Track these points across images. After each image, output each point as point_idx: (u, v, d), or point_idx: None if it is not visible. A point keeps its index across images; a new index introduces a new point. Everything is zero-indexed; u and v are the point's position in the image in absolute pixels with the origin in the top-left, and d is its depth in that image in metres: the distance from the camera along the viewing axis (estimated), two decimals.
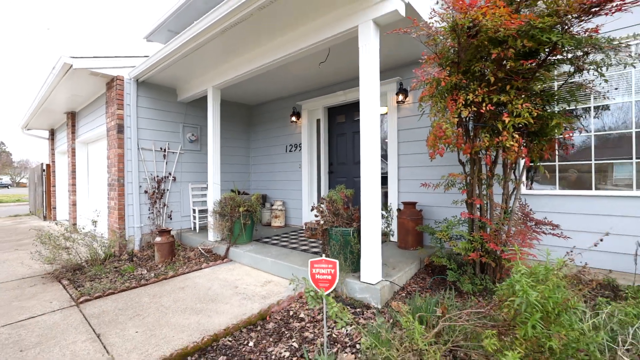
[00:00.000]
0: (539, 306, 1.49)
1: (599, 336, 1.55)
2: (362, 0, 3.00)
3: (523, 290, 1.49)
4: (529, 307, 1.52)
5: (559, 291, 1.50)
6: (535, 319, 1.49)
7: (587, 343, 1.52)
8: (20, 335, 2.51)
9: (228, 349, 2.38)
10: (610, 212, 3.35)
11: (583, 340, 1.52)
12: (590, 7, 2.16)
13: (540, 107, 2.82)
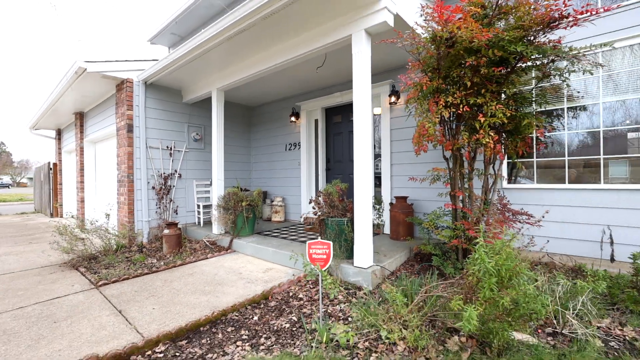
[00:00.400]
0: (494, 272, 1.82)
1: (541, 298, 1.88)
2: (355, 13, 3.33)
3: (481, 259, 1.82)
4: (486, 273, 1.85)
5: (511, 260, 1.83)
6: (491, 283, 1.82)
7: (533, 302, 1.86)
8: (51, 311, 2.83)
9: (235, 321, 2.71)
10: (582, 204, 3.68)
11: (531, 300, 1.85)
12: (549, 22, 2.49)
13: (514, 108, 3.15)
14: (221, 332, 2.53)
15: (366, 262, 3.34)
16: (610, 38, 3.48)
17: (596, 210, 3.60)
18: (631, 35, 3.42)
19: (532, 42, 2.73)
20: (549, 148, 3.98)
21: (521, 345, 2.11)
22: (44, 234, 6.78)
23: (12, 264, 4.40)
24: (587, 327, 2.29)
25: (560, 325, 2.31)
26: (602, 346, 2.14)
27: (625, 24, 3.44)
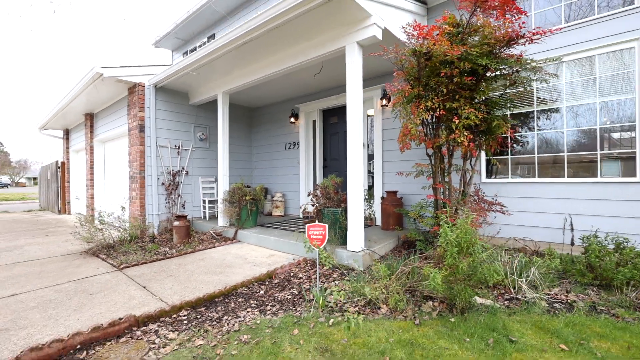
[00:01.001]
0: (455, 243, 2.30)
1: (494, 266, 2.36)
2: (348, 27, 3.80)
3: (445, 233, 2.29)
4: (449, 244, 2.32)
5: (468, 234, 2.30)
6: (453, 251, 2.29)
7: (487, 269, 2.33)
8: (85, 287, 3.28)
9: (244, 294, 3.17)
10: (551, 194, 4.17)
11: (485, 266, 2.33)
12: (509, 40, 2.97)
13: (486, 111, 3.64)
14: (233, 302, 2.99)
15: (358, 246, 3.80)
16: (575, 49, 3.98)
17: (560, 201, 4.09)
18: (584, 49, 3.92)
19: (497, 56, 3.21)
20: (523, 147, 4.47)
21: (482, 306, 2.59)
22: (57, 228, 7.20)
23: (37, 252, 4.83)
24: (538, 293, 2.77)
25: (515, 292, 2.80)
26: (547, 306, 2.62)
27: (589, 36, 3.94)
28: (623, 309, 2.55)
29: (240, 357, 2.04)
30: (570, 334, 2.18)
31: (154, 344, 2.25)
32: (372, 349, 2.07)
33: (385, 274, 2.85)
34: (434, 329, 2.29)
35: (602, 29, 3.86)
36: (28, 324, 2.46)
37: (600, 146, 3.92)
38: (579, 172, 4.07)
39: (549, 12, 4.26)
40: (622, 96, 3.78)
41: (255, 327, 2.44)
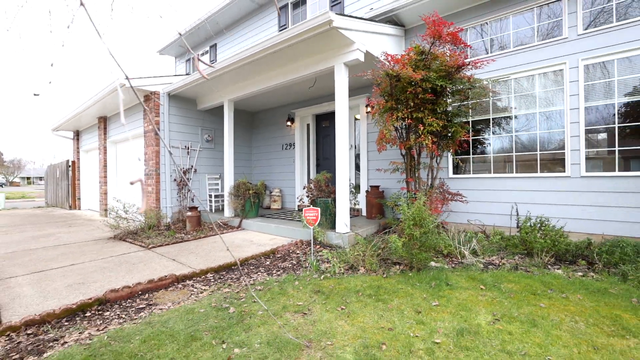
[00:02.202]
0: (412, 217, 3.19)
1: (442, 237, 3.26)
2: (336, 51, 4.68)
3: (404, 211, 3.19)
4: (407, 219, 3.22)
5: (419, 206, 3.20)
6: (410, 224, 3.19)
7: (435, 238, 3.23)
8: (126, 259, 4.10)
9: (254, 264, 4.02)
10: (503, 187, 5.10)
11: (434, 236, 3.23)
12: (458, 66, 3.89)
13: (446, 120, 4.55)
14: (246, 269, 3.85)
15: (344, 229, 4.68)
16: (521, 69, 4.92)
17: (509, 192, 5.03)
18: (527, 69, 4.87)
19: (452, 78, 4.13)
20: (483, 147, 5.40)
21: (434, 267, 3.49)
22: (75, 221, 7.93)
23: (70, 238, 5.60)
24: (478, 258, 3.69)
25: (461, 258, 3.71)
26: (482, 267, 3.54)
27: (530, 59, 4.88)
28: (536, 267, 3.49)
29: (258, 294, 2.90)
30: (490, 281, 3.09)
31: (193, 292, 3.10)
32: (350, 290, 2.95)
33: (364, 246, 3.73)
34: (396, 279, 3.19)
35: (540, 53, 4.81)
36: (96, 280, 3.28)
37: (540, 147, 4.87)
38: (524, 169, 5.01)
39: (505, 36, 5.19)
40: (555, 107, 4.74)
41: (266, 282, 3.31)
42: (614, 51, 4.24)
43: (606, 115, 4.35)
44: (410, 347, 1.98)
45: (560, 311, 2.43)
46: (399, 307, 2.55)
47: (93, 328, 2.36)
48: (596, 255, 3.53)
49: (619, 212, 4.13)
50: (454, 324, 2.25)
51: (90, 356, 1.95)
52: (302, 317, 2.44)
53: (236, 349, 1.99)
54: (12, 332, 2.27)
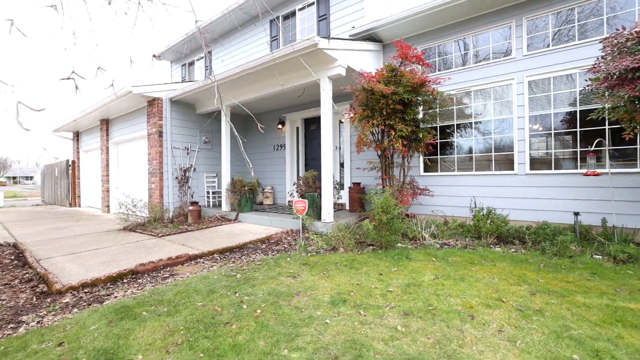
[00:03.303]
0: (380, 205, 4.00)
1: (405, 222, 4.09)
2: (321, 66, 5.46)
3: (375, 200, 4.00)
4: (377, 207, 4.03)
5: (386, 197, 4.01)
6: (378, 211, 4.00)
7: (399, 222, 4.06)
8: (142, 245, 4.79)
9: (252, 248, 4.77)
10: (465, 183, 5.98)
11: (397, 221, 4.06)
12: (421, 83, 4.73)
13: (414, 126, 5.39)
14: (246, 251, 4.60)
15: (329, 219, 5.48)
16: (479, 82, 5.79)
17: (469, 187, 5.91)
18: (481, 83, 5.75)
19: (417, 92, 4.97)
20: (449, 149, 6.27)
21: (400, 247, 4.32)
22: (81, 216, 8.49)
23: (83, 230, 6.22)
24: (435, 240, 4.54)
25: (423, 240, 4.55)
26: (438, 247, 4.38)
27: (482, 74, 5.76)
28: (481, 247, 4.35)
29: (257, 267, 3.66)
30: (441, 255, 3.94)
31: (204, 266, 3.84)
32: (330, 262, 3.74)
33: (344, 231, 4.54)
34: (368, 255, 4.00)
35: (494, 70, 5.69)
36: (122, 259, 3.99)
37: (495, 149, 5.76)
38: (482, 168, 5.90)
39: (466, 54, 6.07)
40: (506, 116, 5.63)
41: (263, 259, 4.07)
42: (551, 70, 5.15)
43: (545, 123, 5.27)
44: (371, 293, 2.78)
45: (485, 273, 3.28)
46: (367, 272, 3.36)
47: (133, 288, 3.09)
48: (527, 236, 4.43)
49: (549, 203, 5.05)
50: (405, 281, 3.07)
51: (139, 303, 2.68)
52: (293, 279, 3.22)
53: (245, 297, 2.76)
54: (73, 290, 2.98)
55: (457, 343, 1.97)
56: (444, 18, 5.95)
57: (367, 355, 1.86)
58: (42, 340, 2.13)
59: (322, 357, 1.85)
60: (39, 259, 4.02)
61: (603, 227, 4.39)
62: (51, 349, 2.02)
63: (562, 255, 3.82)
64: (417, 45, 6.46)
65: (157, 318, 2.40)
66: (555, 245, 3.97)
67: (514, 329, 2.12)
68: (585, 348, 1.88)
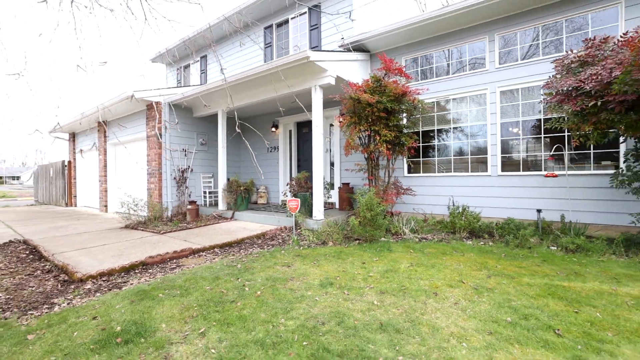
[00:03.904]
0: (364, 203, 4.49)
1: (386, 219, 4.59)
2: (312, 76, 5.92)
3: (360, 199, 4.48)
4: (361, 205, 4.51)
5: (370, 196, 4.50)
6: (363, 208, 4.49)
7: (381, 219, 4.56)
8: (146, 241, 5.17)
9: (249, 243, 5.21)
10: (444, 184, 6.53)
11: (380, 217, 4.55)
12: (402, 93, 5.24)
13: (397, 131, 5.90)
14: (243, 245, 5.03)
15: (319, 216, 5.94)
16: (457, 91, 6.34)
17: (448, 187, 6.45)
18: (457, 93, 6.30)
19: (400, 101, 5.48)
20: (431, 152, 6.81)
21: (383, 241, 4.81)
22: (80, 215, 8.76)
23: (86, 228, 6.55)
24: (414, 234, 5.06)
25: (404, 235, 5.07)
26: (417, 240, 4.89)
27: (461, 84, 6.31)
28: (455, 240, 4.88)
29: (255, 259, 4.11)
30: (418, 247, 4.45)
31: (207, 258, 4.26)
32: (320, 254, 4.21)
33: (333, 227, 5.02)
34: (354, 248, 4.48)
35: (470, 80, 6.25)
36: (130, 253, 4.38)
37: (471, 152, 6.32)
38: (460, 169, 6.45)
39: (445, 65, 6.61)
40: (481, 122, 6.19)
41: (260, 252, 4.51)
42: (519, 82, 5.72)
43: (515, 129, 5.84)
44: (354, 278, 3.26)
45: (453, 261, 3.79)
46: (352, 262, 3.84)
47: (146, 277, 3.50)
48: (495, 231, 4.98)
49: (517, 201, 5.63)
50: (384, 268, 3.56)
51: (154, 288, 3.10)
52: (287, 268, 3.68)
53: (247, 282, 3.21)
54: (92, 279, 3.38)
55: (420, 312, 2.46)
56: (425, 32, 6.48)
57: (348, 321, 2.33)
58: (77, 315, 2.54)
59: (312, 323, 2.32)
60: (52, 253, 4.37)
61: (562, 222, 4.97)
62: (88, 322, 2.43)
63: (523, 246, 4.38)
64: (401, 56, 7.00)
65: (172, 298, 2.83)
66: (517, 238, 4.53)
67: (467, 302, 2.63)
68: (518, 313, 2.39)
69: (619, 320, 2.26)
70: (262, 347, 2.02)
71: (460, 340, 2.05)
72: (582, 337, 2.05)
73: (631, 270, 3.29)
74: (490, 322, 2.28)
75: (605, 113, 3.30)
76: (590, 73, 3.34)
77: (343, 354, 1.92)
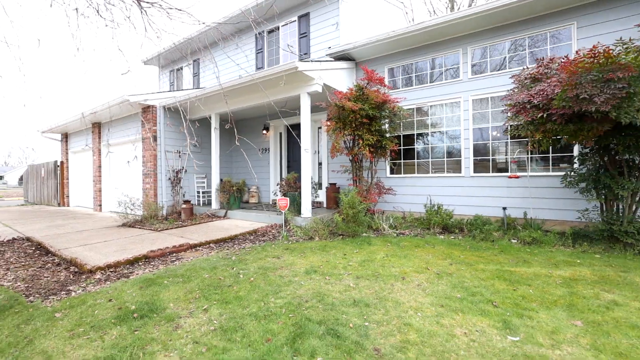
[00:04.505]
0: (347, 201, 4.97)
1: (368, 216, 5.08)
2: (301, 83, 6.37)
3: (343, 198, 4.96)
4: (345, 203, 5.00)
5: (352, 195, 4.99)
6: (346, 206, 4.98)
7: (362, 216, 5.05)
8: (145, 237, 5.54)
9: (242, 239, 5.63)
10: (423, 184, 7.07)
11: (362, 214, 5.05)
12: (383, 102, 5.75)
13: (379, 136, 6.41)
14: (237, 241, 5.45)
15: (307, 214, 6.40)
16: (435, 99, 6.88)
17: (427, 187, 7.00)
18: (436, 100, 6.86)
19: (380, 108, 5.98)
20: (410, 154, 7.34)
21: (364, 236, 5.30)
22: (75, 214, 8.99)
23: (83, 227, 6.84)
24: (393, 230, 5.57)
25: (384, 230, 5.57)
26: (395, 235, 5.41)
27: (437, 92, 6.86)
28: (429, 235, 5.41)
29: (248, 252, 4.54)
30: (395, 241, 4.95)
31: (204, 252, 4.67)
32: (307, 247, 4.68)
33: (319, 224, 5.48)
34: (337, 242, 4.96)
35: (447, 89, 6.80)
36: (132, 248, 4.75)
37: (447, 155, 6.88)
38: (437, 171, 7.01)
39: (425, 74, 7.15)
40: (456, 127, 6.75)
41: (252, 247, 4.95)
42: (489, 91, 6.30)
43: (485, 134, 6.42)
44: (335, 266, 3.74)
45: (424, 252, 4.31)
46: (334, 253, 4.32)
47: (149, 268, 3.90)
48: (465, 226, 5.54)
49: (487, 200, 6.21)
50: (362, 258, 4.05)
51: (159, 277, 3.51)
52: (277, 259, 4.13)
53: (241, 270, 3.65)
54: (100, 270, 3.76)
55: (387, 292, 2.95)
56: (405, 44, 7.02)
57: (327, 299, 2.80)
58: (94, 299, 2.94)
59: (297, 301, 2.78)
60: (58, 249, 4.71)
61: (524, 218, 5.56)
62: (104, 303, 2.83)
63: (487, 240, 4.93)
64: (384, 65, 7.52)
65: (176, 284, 3.25)
66: (483, 233, 5.09)
67: (428, 284, 3.13)
68: (467, 291, 2.90)
69: (545, 295, 2.79)
70: (255, 318, 2.47)
71: (416, 311, 2.54)
72: (512, 307, 2.57)
73: (571, 258, 3.86)
74: (444, 298, 2.79)
75: (550, 124, 3.87)
76: (538, 89, 3.89)
77: (321, 322, 2.39)
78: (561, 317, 2.37)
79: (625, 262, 3.67)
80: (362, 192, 6.37)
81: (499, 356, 1.92)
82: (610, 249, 4.14)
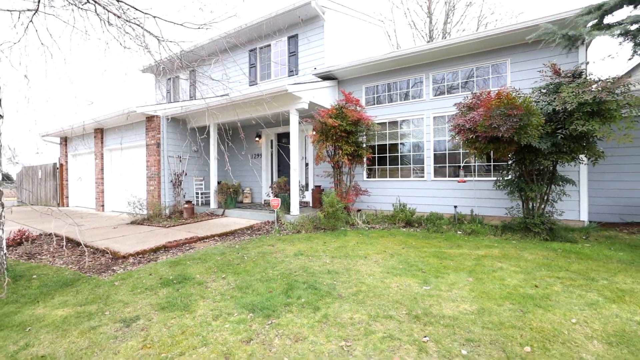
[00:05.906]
0: (328, 200, 6.15)
1: (345, 213, 6.28)
2: (290, 101, 7.51)
3: (325, 198, 6.13)
4: (325, 202, 6.17)
5: (332, 196, 6.16)
6: (326, 205, 6.15)
7: (341, 213, 6.24)
8: (156, 232, 6.53)
9: (240, 233, 6.71)
10: (393, 187, 8.32)
11: (340, 211, 6.24)
12: (357, 120, 6.96)
13: (356, 146, 7.62)
14: (236, 234, 6.53)
15: (295, 212, 7.54)
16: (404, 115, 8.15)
17: (396, 190, 8.26)
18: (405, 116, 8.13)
19: (356, 125, 7.20)
20: (383, 161, 8.58)
21: (343, 230, 6.49)
22: (81, 214, 9.79)
23: (96, 224, 7.74)
24: (365, 225, 6.78)
25: (358, 225, 6.78)
26: (367, 229, 6.62)
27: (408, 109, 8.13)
28: (394, 228, 6.65)
29: (248, 242, 5.64)
30: (366, 233, 6.16)
31: (211, 244, 5.74)
32: (295, 238, 5.82)
33: (305, 220, 6.64)
34: (320, 234, 6.12)
35: (412, 107, 8.08)
36: (150, 241, 5.76)
37: (413, 162, 8.16)
38: (405, 175, 8.28)
39: (396, 94, 8.42)
40: (420, 139, 8.04)
41: (250, 239, 6.05)
42: (445, 110, 7.61)
43: (442, 146, 7.73)
44: (317, 250, 4.90)
45: (386, 240, 5.52)
46: (317, 242, 5.48)
47: (170, 255, 4.95)
48: (423, 221, 6.82)
49: (443, 200, 7.52)
50: (338, 245, 5.22)
51: (181, 260, 4.57)
52: (272, 247, 5.26)
53: (244, 254, 4.76)
54: (131, 257, 4.78)
55: (352, 265, 4.14)
56: (379, 67, 8.27)
57: (309, 270, 3.95)
58: (138, 274, 3.99)
59: (288, 272, 3.92)
60: (86, 242, 5.66)
61: (471, 215, 6.88)
62: (147, 276, 3.89)
63: (438, 231, 6.21)
64: (362, 84, 8.75)
65: (196, 264, 4.33)
66: (436, 226, 6.37)
67: (383, 260, 4.33)
68: (408, 264, 4.12)
69: (459, 265, 4.04)
70: (260, 281, 3.60)
71: (369, 276, 3.73)
72: (434, 272, 3.80)
73: (491, 243, 5.17)
74: (391, 268, 3.99)
75: (478, 143, 5.16)
76: (470, 116, 5.18)
77: (305, 282, 3.54)
78: (462, 277, 3.61)
79: (528, 244, 5.00)
80: (342, 194, 7.56)
81: (414, 295, 3.13)
82: (525, 237, 5.47)
